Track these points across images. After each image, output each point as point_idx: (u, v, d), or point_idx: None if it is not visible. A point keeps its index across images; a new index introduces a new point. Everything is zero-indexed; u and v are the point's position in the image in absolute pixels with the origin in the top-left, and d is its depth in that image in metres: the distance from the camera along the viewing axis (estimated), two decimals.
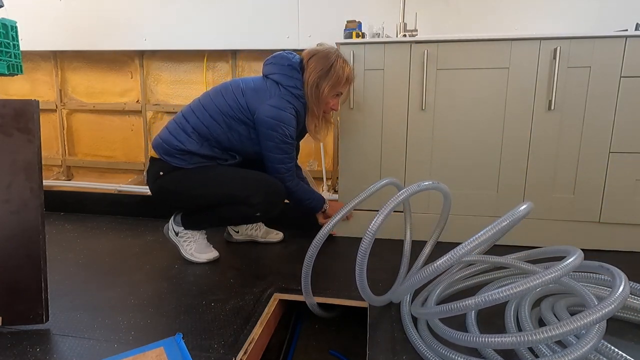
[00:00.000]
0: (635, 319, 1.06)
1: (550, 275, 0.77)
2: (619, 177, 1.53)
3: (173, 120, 1.49)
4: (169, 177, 1.45)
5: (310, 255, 1.10)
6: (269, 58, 1.51)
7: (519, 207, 0.87)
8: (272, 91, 1.44)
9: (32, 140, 1.02)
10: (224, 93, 1.46)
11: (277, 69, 1.47)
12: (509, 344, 0.76)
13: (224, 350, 0.97)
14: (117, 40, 2.14)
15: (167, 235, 1.55)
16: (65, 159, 2.41)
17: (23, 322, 1.06)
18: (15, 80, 2.35)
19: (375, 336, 1.04)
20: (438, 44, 1.56)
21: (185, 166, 1.44)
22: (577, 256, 0.83)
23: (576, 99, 1.51)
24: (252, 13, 2.00)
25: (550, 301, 1.04)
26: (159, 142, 1.46)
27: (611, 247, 1.59)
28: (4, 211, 1.02)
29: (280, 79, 1.46)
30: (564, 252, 0.93)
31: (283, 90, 1.45)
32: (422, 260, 1.25)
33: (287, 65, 1.46)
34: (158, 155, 1.45)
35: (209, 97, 1.48)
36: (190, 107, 1.48)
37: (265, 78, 1.49)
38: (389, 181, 1.17)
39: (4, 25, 1.52)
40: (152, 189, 1.51)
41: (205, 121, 1.43)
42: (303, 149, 2.15)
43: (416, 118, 1.63)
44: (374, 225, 0.94)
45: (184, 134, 1.43)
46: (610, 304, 0.73)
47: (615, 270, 0.86)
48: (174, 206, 1.57)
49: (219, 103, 1.44)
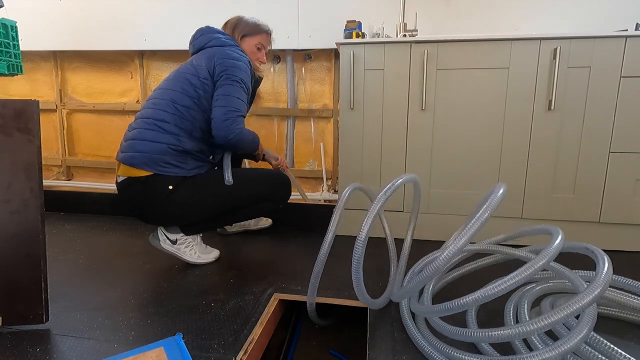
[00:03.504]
0: (635, 319, 1.06)
1: (541, 261, 0.79)
2: (619, 177, 1.53)
3: (143, 129, 1.35)
4: (182, 188, 1.35)
5: (322, 254, 1.09)
6: (195, 34, 1.52)
7: (496, 193, 0.89)
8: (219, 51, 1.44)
9: (32, 140, 1.02)
10: (180, 80, 1.40)
11: (211, 37, 1.48)
12: (507, 336, 0.77)
13: (224, 350, 0.97)
14: (117, 40, 2.14)
15: (160, 247, 1.43)
16: (65, 159, 2.41)
17: (23, 322, 1.06)
18: (15, 80, 2.36)
19: (375, 336, 1.04)
20: (438, 44, 1.56)
21: (186, 174, 1.36)
22: (560, 238, 0.86)
23: (576, 99, 1.51)
24: (252, 13, 1.99)
25: (550, 300, 1.04)
26: (144, 156, 1.31)
27: (611, 247, 1.59)
28: (4, 211, 1.02)
29: (220, 42, 1.47)
30: (542, 231, 0.98)
31: (233, 48, 1.46)
32: (404, 257, 1.27)
33: (216, 31, 1.50)
34: (151, 171, 1.31)
35: (168, 91, 1.39)
36: (158, 108, 1.36)
37: (203, 50, 1.48)
38: (354, 187, 1.17)
39: (4, 25, 1.52)
40: (160, 208, 1.36)
41: (182, 114, 1.36)
42: (303, 149, 2.16)
43: (416, 118, 1.63)
44: (361, 238, 0.95)
45: (171, 135, 1.33)
46: (596, 287, 0.76)
47: (598, 252, 0.88)
48: (191, 217, 1.42)
49: (183, 89, 1.37)
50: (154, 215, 1.40)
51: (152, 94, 1.43)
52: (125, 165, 1.34)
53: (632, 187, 1.53)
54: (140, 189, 1.33)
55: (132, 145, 1.34)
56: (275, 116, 2.16)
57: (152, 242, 1.45)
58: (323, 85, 2.09)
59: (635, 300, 1.05)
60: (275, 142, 2.18)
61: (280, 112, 2.13)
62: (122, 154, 1.36)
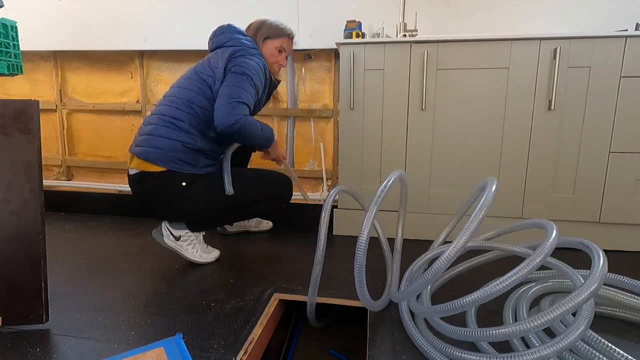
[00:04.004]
0: (635, 319, 1.06)
1: (540, 256, 0.80)
2: (619, 177, 1.53)
3: (158, 126, 1.37)
4: (195, 186, 1.38)
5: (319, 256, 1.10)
6: (216, 31, 1.51)
7: (490, 188, 0.91)
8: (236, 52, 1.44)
9: (32, 140, 1.02)
10: (197, 79, 1.40)
11: (231, 36, 1.48)
12: (505, 334, 0.78)
13: (224, 350, 0.97)
14: (117, 40, 2.14)
15: (163, 244, 1.45)
16: (65, 159, 2.41)
17: (23, 322, 1.06)
18: (15, 80, 2.35)
19: (375, 336, 1.04)
20: (438, 44, 1.56)
21: (199, 172, 1.39)
22: (555, 233, 0.87)
23: (576, 99, 1.51)
24: (253, 13, 2.00)
25: (550, 299, 1.04)
26: (159, 152, 1.33)
27: (611, 247, 1.59)
28: (4, 211, 1.02)
29: (239, 43, 1.46)
30: (534, 225, 0.99)
31: (250, 50, 1.46)
32: (398, 255, 1.29)
33: (237, 32, 1.50)
34: (165, 167, 1.34)
35: (184, 90, 1.40)
36: (174, 106, 1.38)
37: (222, 48, 1.47)
38: (340, 189, 1.19)
39: (4, 25, 1.52)
40: (171, 204, 1.39)
41: (197, 114, 1.37)
42: (303, 148, 2.16)
43: (416, 118, 1.63)
44: (361, 244, 0.95)
45: (186, 134, 1.35)
46: (591, 284, 0.76)
47: (594, 247, 0.88)
48: (200, 214, 1.45)
49: (200, 89, 1.38)
50: (164, 210, 1.44)
51: (168, 91, 1.45)
52: (139, 159, 1.36)
53: (632, 187, 1.53)
54: (153, 184, 1.36)
55: (148, 141, 1.36)
56: (275, 116, 2.16)
57: (155, 237, 1.47)
58: (323, 85, 2.09)
59: (635, 300, 1.05)
60: None
61: (280, 112, 2.13)
62: (136, 148, 1.38)
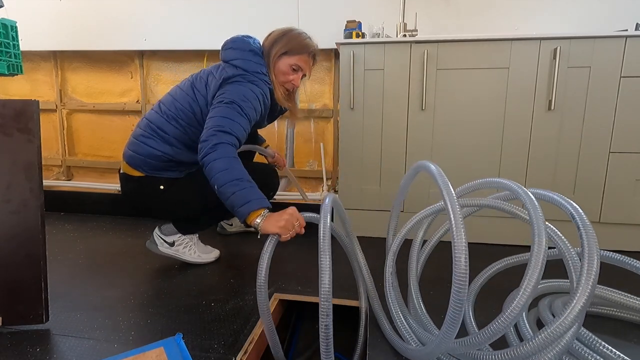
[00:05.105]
0: (635, 319, 1.06)
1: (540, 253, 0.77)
2: (619, 177, 1.53)
3: (145, 132, 1.36)
4: (175, 187, 1.38)
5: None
6: (228, 42, 1.39)
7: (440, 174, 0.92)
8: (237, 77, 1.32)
9: (32, 140, 1.02)
10: (191, 95, 1.35)
11: (239, 54, 1.35)
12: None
13: (224, 350, 0.97)
14: (117, 40, 2.14)
15: (159, 252, 1.44)
16: (65, 159, 2.41)
17: (23, 322, 1.06)
18: (15, 80, 2.35)
19: (376, 336, 1.04)
20: (438, 44, 1.56)
21: (178, 175, 1.39)
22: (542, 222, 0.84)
23: (576, 99, 1.51)
24: (252, 13, 2.00)
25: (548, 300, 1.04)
26: (140, 159, 1.34)
27: (611, 247, 1.58)
28: (4, 211, 1.02)
29: (243, 64, 1.33)
30: (497, 184, 0.98)
31: (249, 77, 1.32)
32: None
33: (248, 50, 1.35)
34: (144, 173, 1.35)
35: (176, 103, 1.36)
36: (163, 117, 1.35)
37: (225, 64, 1.37)
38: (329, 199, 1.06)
39: (4, 25, 1.51)
40: (153, 205, 1.41)
41: (184, 130, 1.35)
42: (303, 149, 2.16)
43: (416, 118, 1.63)
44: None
45: (170, 146, 1.34)
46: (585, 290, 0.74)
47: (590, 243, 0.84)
48: (185, 212, 1.44)
49: (190, 107, 1.34)
50: (148, 210, 1.49)
51: (164, 97, 1.41)
52: (124, 162, 1.39)
53: (632, 187, 1.53)
54: (134, 186, 1.40)
55: (134, 144, 1.37)
56: None
57: (150, 248, 1.47)
58: (323, 85, 2.09)
59: (635, 300, 1.05)
60: (275, 142, 2.18)
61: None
62: (125, 149, 1.40)
